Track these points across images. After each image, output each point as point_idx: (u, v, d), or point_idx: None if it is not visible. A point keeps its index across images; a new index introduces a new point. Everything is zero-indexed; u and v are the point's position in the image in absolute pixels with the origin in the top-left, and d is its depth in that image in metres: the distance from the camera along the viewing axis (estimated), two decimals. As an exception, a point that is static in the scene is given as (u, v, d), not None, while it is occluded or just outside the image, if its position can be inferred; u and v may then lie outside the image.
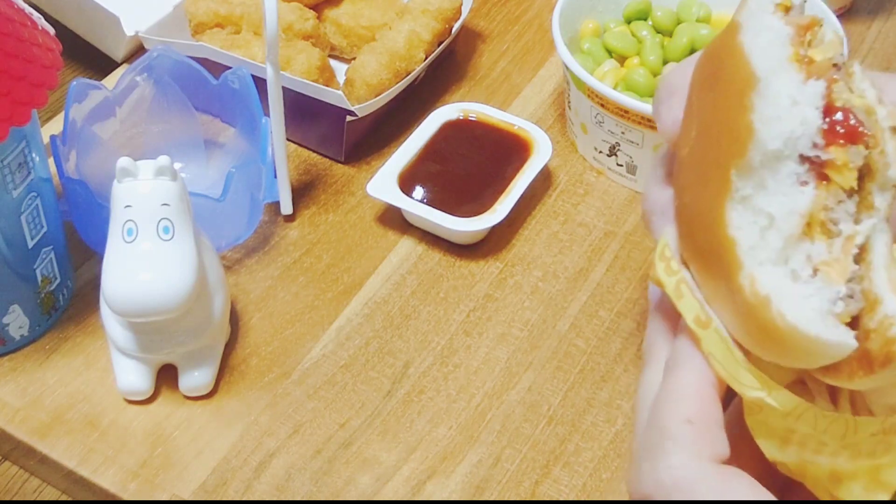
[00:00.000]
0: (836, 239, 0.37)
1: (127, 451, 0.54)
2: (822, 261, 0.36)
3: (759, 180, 0.37)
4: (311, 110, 0.67)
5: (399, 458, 0.55)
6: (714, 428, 0.38)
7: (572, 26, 0.72)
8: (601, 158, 0.70)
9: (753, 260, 0.37)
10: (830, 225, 0.37)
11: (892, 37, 0.82)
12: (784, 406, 0.37)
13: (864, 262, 0.36)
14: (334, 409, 0.57)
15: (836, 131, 0.36)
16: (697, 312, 0.39)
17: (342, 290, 0.63)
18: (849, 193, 0.37)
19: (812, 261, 0.37)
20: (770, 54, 0.37)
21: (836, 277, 0.36)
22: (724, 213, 0.38)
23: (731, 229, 0.37)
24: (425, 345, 0.60)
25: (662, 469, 0.37)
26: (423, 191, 0.65)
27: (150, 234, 0.51)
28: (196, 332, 0.54)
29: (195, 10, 0.72)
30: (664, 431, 0.38)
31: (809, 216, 0.37)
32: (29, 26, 0.53)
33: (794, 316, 0.35)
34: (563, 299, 0.62)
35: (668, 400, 0.39)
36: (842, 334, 0.35)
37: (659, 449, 0.38)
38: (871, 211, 0.37)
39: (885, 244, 0.37)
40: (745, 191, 0.37)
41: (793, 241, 0.37)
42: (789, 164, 0.37)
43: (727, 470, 0.37)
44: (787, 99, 0.37)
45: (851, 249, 0.36)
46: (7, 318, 0.57)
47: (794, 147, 0.37)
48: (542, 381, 0.58)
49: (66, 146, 0.60)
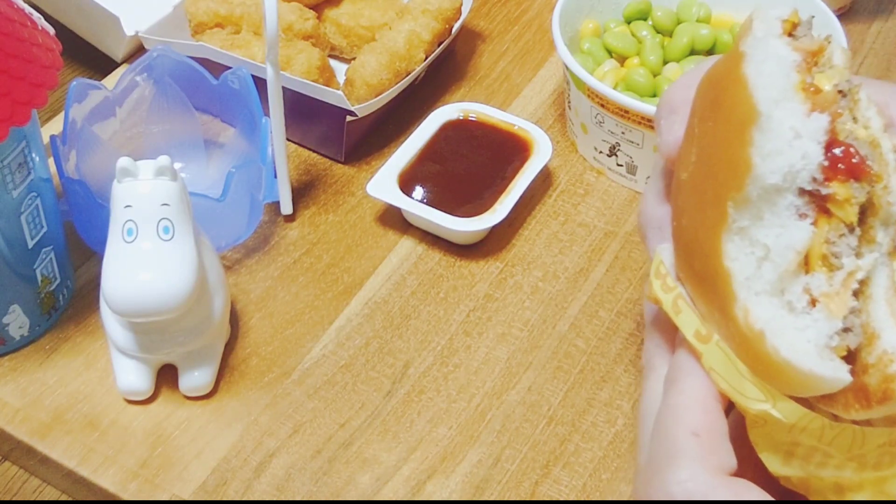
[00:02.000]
0: (837, 272, 0.36)
1: (127, 451, 0.54)
2: (822, 293, 0.36)
3: (756, 212, 0.37)
4: (311, 110, 0.67)
5: (399, 458, 0.55)
6: (720, 440, 0.38)
7: (572, 26, 0.72)
8: (601, 158, 0.70)
9: (748, 291, 0.37)
10: (832, 258, 0.36)
11: (893, 37, 0.82)
12: (789, 418, 0.37)
13: (864, 296, 0.36)
14: (334, 409, 0.57)
15: (838, 167, 0.36)
16: (697, 327, 0.39)
17: (342, 290, 0.63)
18: (850, 228, 0.37)
19: (810, 293, 0.36)
20: (775, 83, 0.37)
21: (834, 311, 0.36)
22: (721, 243, 0.37)
23: (726, 260, 0.37)
24: (425, 345, 0.60)
25: (672, 483, 0.37)
26: (423, 191, 0.65)
27: (150, 234, 0.51)
28: (196, 332, 0.54)
29: (195, 10, 0.72)
30: (671, 445, 0.38)
31: (808, 250, 0.36)
32: (29, 26, 0.53)
33: (787, 350, 0.35)
34: (563, 299, 0.62)
35: (673, 413, 0.38)
36: (836, 369, 0.35)
37: (667, 463, 0.37)
38: (873, 245, 0.37)
39: (886, 277, 0.36)
40: (741, 222, 0.37)
41: (788, 274, 0.36)
42: (788, 197, 0.37)
43: (737, 482, 0.37)
44: (790, 132, 0.36)
45: (852, 284, 0.36)
46: (7, 318, 0.57)
47: (794, 181, 0.36)
48: (542, 381, 0.58)
49: (66, 146, 0.60)
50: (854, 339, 0.36)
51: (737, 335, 0.37)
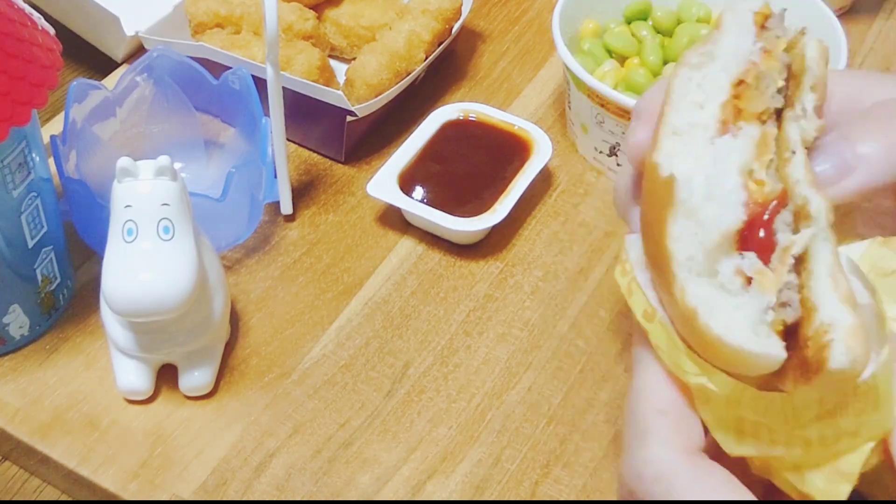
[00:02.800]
0: (773, 252, 0.37)
1: (127, 451, 0.54)
2: (756, 270, 0.37)
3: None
4: (311, 110, 0.67)
5: (399, 458, 0.55)
6: (687, 416, 0.39)
7: (572, 26, 0.72)
8: (601, 158, 0.70)
9: (688, 272, 0.37)
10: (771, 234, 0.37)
11: (893, 37, 0.82)
12: (723, 389, 0.37)
13: (806, 271, 0.37)
14: (334, 409, 0.57)
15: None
16: (645, 307, 0.40)
17: (342, 290, 0.63)
18: (783, 203, 0.37)
19: (743, 273, 0.37)
20: None
21: (767, 286, 0.36)
22: (667, 225, 0.38)
23: (669, 241, 0.38)
24: (425, 345, 0.60)
25: (641, 462, 0.38)
26: (423, 191, 0.65)
27: (150, 234, 0.51)
28: (196, 332, 0.54)
29: (195, 10, 0.72)
30: (640, 425, 0.39)
31: (738, 230, 0.37)
32: (29, 26, 0.53)
33: (719, 327, 0.36)
34: (563, 299, 0.62)
35: (639, 393, 0.39)
36: (767, 345, 0.35)
37: (637, 442, 0.38)
38: (810, 221, 0.37)
39: (829, 252, 0.37)
40: (689, 203, 0.38)
41: (716, 253, 0.37)
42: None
43: (704, 462, 0.38)
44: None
45: (788, 259, 0.36)
46: (7, 318, 0.57)
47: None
48: (543, 381, 0.58)
49: (66, 146, 0.60)
50: (791, 314, 0.36)
51: (678, 315, 0.38)
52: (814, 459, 0.38)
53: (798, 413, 0.37)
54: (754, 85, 0.39)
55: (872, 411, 0.37)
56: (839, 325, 0.35)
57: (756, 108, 0.39)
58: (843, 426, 0.37)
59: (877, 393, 0.36)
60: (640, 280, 0.41)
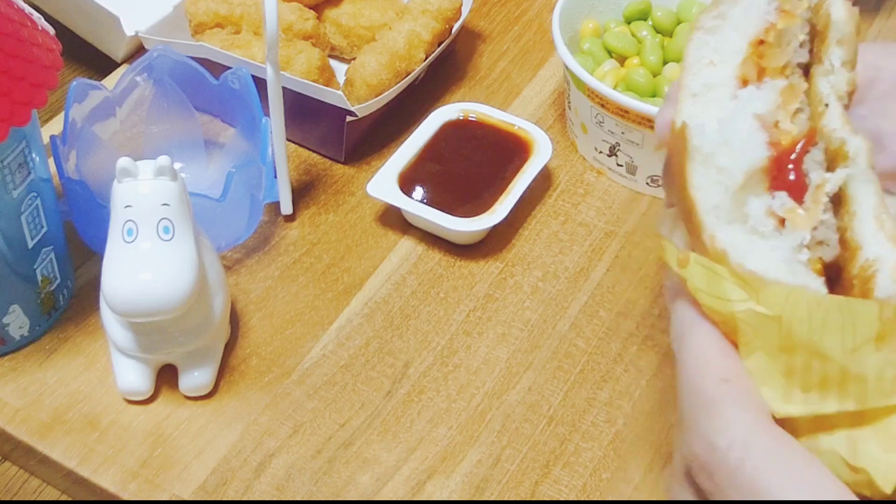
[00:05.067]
0: (807, 191, 0.36)
1: (127, 451, 0.54)
2: (788, 209, 0.36)
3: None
4: (311, 110, 0.67)
5: (399, 458, 0.55)
6: (749, 381, 0.36)
7: (572, 26, 0.72)
8: (601, 158, 0.70)
9: (717, 220, 0.36)
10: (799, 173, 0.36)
11: (893, 37, 0.82)
12: (774, 307, 0.35)
13: (848, 213, 0.35)
14: (334, 409, 0.57)
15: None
16: (677, 255, 0.38)
17: (342, 290, 0.63)
18: (811, 142, 0.36)
19: (774, 214, 0.36)
20: None
21: (801, 225, 0.35)
22: (687, 174, 0.37)
23: (692, 189, 0.37)
24: (425, 345, 0.60)
25: (713, 432, 0.35)
26: (423, 191, 0.65)
27: (150, 234, 0.51)
28: (196, 332, 0.54)
29: (195, 10, 0.72)
30: (703, 396, 0.36)
31: (760, 175, 0.36)
32: (29, 26, 0.53)
33: (753, 264, 0.35)
34: (563, 299, 0.62)
35: (694, 366, 0.37)
36: (804, 279, 0.34)
37: (703, 413, 0.35)
38: (847, 161, 0.36)
39: (872, 193, 0.35)
40: (704, 148, 0.37)
41: (743, 195, 0.36)
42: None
43: (777, 430, 0.35)
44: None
45: (821, 197, 0.35)
46: (7, 318, 0.57)
47: None
48: (543, 381, 0.58)
49: (66, 146, 0.60)
50: (830, 252, 0.35)
51: (712, 259, 0.37)
52: (868, 415, 0.35)
53: (857, 323, 0.34)
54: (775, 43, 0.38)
55: None
56: (885, 261, 0.33)
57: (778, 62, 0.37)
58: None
59: None
60: (671, 235, 0.40)
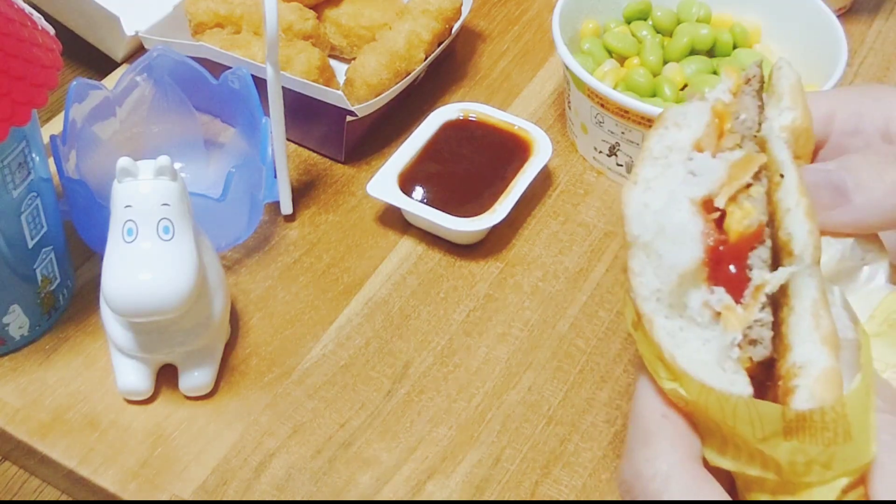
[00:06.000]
0: (748, 286, 0.36)
1: (127, 451, 0.54)
2: (724, 306, 0.36)
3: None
4: (311, 110, 0.67)
5: (399, 458, 0.55)
6: (685, 424, 0.39)
7: (572, 26, 0.72)
8: (601, 158, 0.70)
9: (652, 304, 0.37)
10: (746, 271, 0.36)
11: (893, 37, 0.82)
12: (691, 394, 0.36)
13: (788, 308, 0.35)
14: (334, 409, 0.57)
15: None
16: (633, 315, 0.39)
17: (342, 290, 0.63)
18: (759, 240, 0.36)
19: (711, 307, 0.36)
20: None
21: (734, 324, 0.35)
22: (628, 258, 0.38)
23: (631, 275, 0.37)
24: (425, 345, 0.60)
25: (641, 461, 0.38)
26: (423, 191, 0.65)
27: (150, 233, 0.51)
28: (196, 332, 0.54)
29: (195, 10, 0.72)
30: (642, 426, 0.39)
31: (698, 268, 0.36)
32: (29, 26, 0.53)
33: (683, 360, 0.35)
34: (563, 299, 0.62)
35: (644, 398, 0.39)
36: (732, 382, 0.35)
37: (639, 442, 0.39)
38: (793, 258, 0.36)
39: (813, 288, 0.35)
40: (642, 239, 0.37)
41: (682, 288, 0.36)
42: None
43: (701, 471, 0.38)
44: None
45: (760, 297, 0.35)
46: (7, 318, 0.57)
47: None
48: (542, 381, 0.58)
49: (66, 146, 0.60)
50: (760, 352, 0.35)
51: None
52: (788, 487, 0.36)
53: (763, 420, 0.35)
54: (727, 117, 0.39)
55: (843, 442, 0.34)
56: (811, 369, 0.34)
57: (728, 141, 0.38)
58: (813, 454, 0.35)
59: (847, 422, 0.34)
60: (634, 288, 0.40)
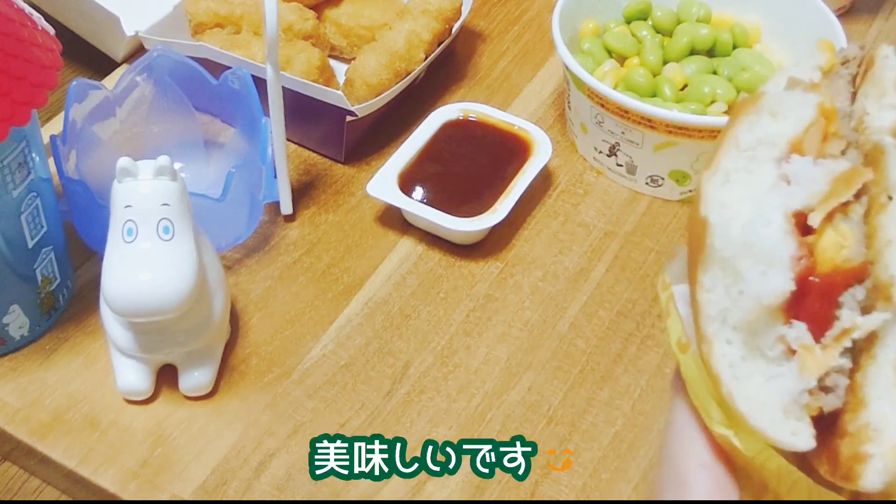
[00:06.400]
0: (834, 325, 0.31)
1: (127, 451, 0.54)
2: (803, 345, 0.31)
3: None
4: (311, 110, 0.67)
5: (399, 458, 0.55)
6: (726, 475, 0.36)
7: (572, 26, 0.72)
8: (601, 158, 0.69)
9: (716, 325, 0.32)
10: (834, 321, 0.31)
11: (893, 37, 0.82)
12: (748, 451, 0.33)
13: (869, 355, 0.31)
14: (334, 409, 0.57)
15: None
16: (679, 335, 0.35)
17: (342, 290, 0.63)
18: (859, 280, 0.31)
19: (787, 342, 0.32)
20: None
21: (811, 368, 0.31)
22: (698, 270, 0.33)
23: (700, 290, 0.33)
24: (425, 345, 0.60)
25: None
26: (423, 191, 0.65)
27: (150, 234, 0.51)
28: (196, 332, 0.54)
29: (195, 10, 0.72)
30: (679, 475, 0.36)
31: (780, 306, 0.31)
32: (29, 26, 0.53)
33: (743, 400, 0.31)
34: (563, 299, 0.62)
35: (681, 439, 0.37)
36: (795, 432, 0.31)
37: (675, 491, 0.36)
38: (889, 302, 0.31)
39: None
40: (724, 252, 0.32)
41: (758, 319, 0.32)
42: None
43: None
44: None
45: (844, 342, 0.31)
46: (7, 318, 0.57)
47: None
48: (542, 381, 0.58)
49: (66, 146, 0.60)
50: (833, 402, 0.31)
51: (706, 370, 0.34)
52: None
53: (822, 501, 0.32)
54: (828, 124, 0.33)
55: None
56: (886, 436, 0.30)
57: (833, 147, 0.33)
58: None
59: None
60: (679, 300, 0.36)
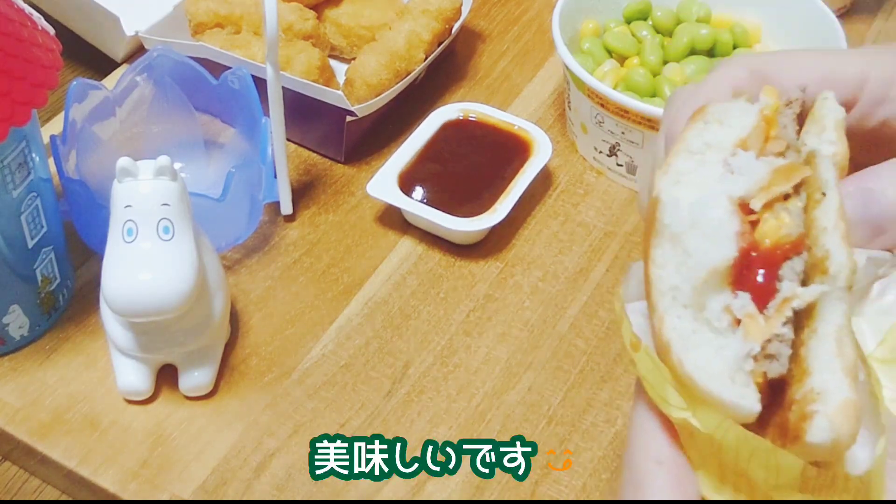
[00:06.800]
0: (774, 297, 0.33)
1: (127, 451, 0.54)
2: (747, 314, 0.33)
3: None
4: (311, 110, 0.67)
5: (399, 458, 0.55)
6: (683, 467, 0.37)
7: (572, 26, 0.72)
8: (601, 158, 0.70)
9: (667, 301, 0.34)
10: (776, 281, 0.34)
11: (893, 37, 0.82)
12: (707, 426, 0.34)
13: (810, 329, 0.33)
14: (334, 409, 0.57)
15: None
16: (630, 336, 0.37)
17: (342, 290, 0.63)
18: (797, 251, 0.34)
19: (732, 312, 0.34)
20: None
21: (754, 334, 0.33)
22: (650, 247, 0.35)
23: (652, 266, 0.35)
24: (425, 345, 0.60)
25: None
26: (423, 191, 0.65)
27: (150, 234, 0.51)
28: (196, 332, 0.54)
29: (195, 10, 0.72)
30: (635, 474, 0.37)
31: (727, 269, 0.34)
32: (29, 26, 0.53)
33: (691, 364, 0.33)
34: (563, 299, 0.62)
35: (637, 437, 0.38)
36: (741, 395, 0.33)
37: (632, 489, 0.37)
38: (826, 277, 0.33)
39: (841, 314, 0.33)
40: (673, 228, 0.35)
41: (705, 288, 0.34)
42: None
43: None
44: None
45: (786, 311, 0.33)
46: (7, 318, 0.57)
47: None
48: (542, 381, 0.58)
49: (66, 146, 0.60)
50: (776, 369, 0.33)
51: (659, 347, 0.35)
52: None
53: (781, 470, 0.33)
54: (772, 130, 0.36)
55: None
56: (831, 397, 0.31)
57: (774, 146, 0.35)
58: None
59: (867, 491, 0.32)
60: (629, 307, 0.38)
